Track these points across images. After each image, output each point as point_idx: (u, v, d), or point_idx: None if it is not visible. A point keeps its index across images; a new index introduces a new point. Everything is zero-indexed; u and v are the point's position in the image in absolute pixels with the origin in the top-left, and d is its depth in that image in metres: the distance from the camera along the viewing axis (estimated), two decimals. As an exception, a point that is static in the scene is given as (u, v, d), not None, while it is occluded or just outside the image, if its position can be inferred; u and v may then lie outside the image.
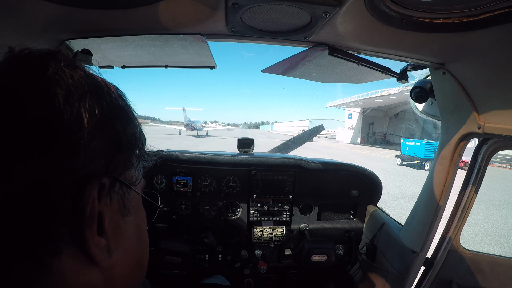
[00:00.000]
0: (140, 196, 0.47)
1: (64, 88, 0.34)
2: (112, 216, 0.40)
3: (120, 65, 1.38)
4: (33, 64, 0.36)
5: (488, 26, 0.82)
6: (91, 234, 0.36)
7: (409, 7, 0.80)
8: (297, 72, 1.52)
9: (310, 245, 1.65)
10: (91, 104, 0.36)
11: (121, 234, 0.42)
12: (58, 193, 0.33)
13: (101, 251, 0.37)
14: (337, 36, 1.00)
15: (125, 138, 0.41)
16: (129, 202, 0.43)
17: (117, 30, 1.00)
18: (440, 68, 1.18)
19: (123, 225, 0.42)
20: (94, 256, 0.36)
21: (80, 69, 0.38)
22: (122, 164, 0.41)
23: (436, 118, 1.41)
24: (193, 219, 1.83)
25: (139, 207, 0.48)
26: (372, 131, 39.20)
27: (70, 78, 0.35)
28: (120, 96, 0.43)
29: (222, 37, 1.09)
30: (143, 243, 0.49)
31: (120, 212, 0.42)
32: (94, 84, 0.38)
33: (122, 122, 0.41)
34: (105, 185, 0.37)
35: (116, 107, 0.41)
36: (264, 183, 1.84)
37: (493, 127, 1.05)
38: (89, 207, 0.35)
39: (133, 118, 0.44)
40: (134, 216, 0.45)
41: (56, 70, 0.35)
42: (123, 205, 0.42)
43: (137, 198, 0.46)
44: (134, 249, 0.45)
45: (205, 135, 44.40)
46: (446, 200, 1.34)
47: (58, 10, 0.82)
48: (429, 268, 1.59)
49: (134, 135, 0.43)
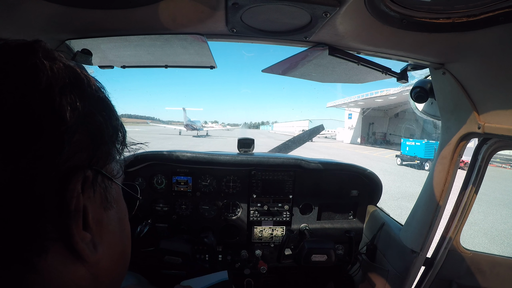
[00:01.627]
0: (120, 188, 0.47)
1: (44, 80, 0.33)
2: (95, 210, 0.39)
3: (120, 65, 1.38)
4: (11, 55, 0.34)
5: (488, 26, 0.82)
6: (77, 228, 0.35)
7: (409, 7, 0.80)
8: (297, 72, 1.52)
9: (310, 245, 1.65)
10: (73, 97, 0.35)
11: (104, 228, 0.41)
12: (42, 188, 0.32)
13: (87, 246, 0.37)
14: (337, 36, 1.00)
15: (107, 131, 0.40)
16: (111, 195, 0.43)
17: (117, 30, 1.00)
18: (440, 68, 1.18)
19: (106, 219, 0.42)
20: (80, 251, 0.36)
21: (59, 61, 0.37)
22: (104, 157, 0.41)
23: (436, 118, 1.41)
24: (193, 219, 1.83)
25: (120, 200, 0.47)
26: (372, 131, 39.20)
27: (49, 70, 0.34)
28: (99, 88, 0.42)
29: (222, 37, 1.09)
30: (126, 236, 0.49)
31: (102, 205, 0.41)
32: (74, 76, 0.38)
33: (103, 114, 0.40)
34: (88, 178, 0.37)
35: (97, 99, 0.40)
36: (264, 183, 1.84)
37: (493, 127, 1.05)
38: (74, 201, 0.35)
39: (114, 110, 0.44)
40: (116, 209, 0.45)
41: (34, 62, 0.34)
42: (105, 198, 0.42)
43: (118, 191, 0.46)
44: (117, 242, 0.45)
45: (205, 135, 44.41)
46: (446, 200, 1.34)
47: (58, 10, 0.82)
48: (429, 268, 1.59)
49: (115, 128, 0.43)
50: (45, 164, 0.32)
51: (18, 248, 0.32)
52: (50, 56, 0.36)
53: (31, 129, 0.31)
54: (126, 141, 0.48)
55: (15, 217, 0.31)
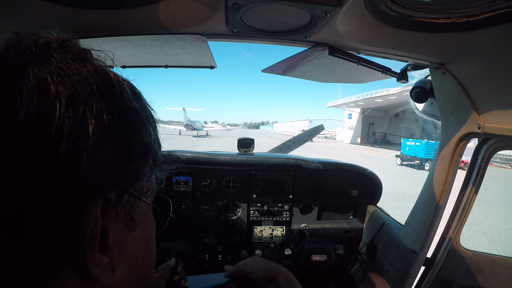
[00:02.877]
0: (150, 206, 0.43)
1: (68, 87, 0.29)
2: (117, 230, 0.36)
3: (120, 65, 1.38)
4: (35, 54, 0.30)
5: (488, 26, 0.82)
6: (92, 255, 0.32)
7: (409, 7, 0.80)
8: (297, 72, 1.52)
9: (310, 245, 1.65)
10: (99, 107, 0.31)
11: (126, 250, 0.38)
12: (57, 210, 0.29)
13: (103, 271, 0.34)
14: (337, 36, 1.00)
15: (138, 147, 0.36)
16: (138, 215, 0.39)
17: (117, 30, 1.00)
18: (440, 68, 1.18)
19: (129, 240, 0.38)
20: (95, 277, 0.33)
21: (89, 63, 0.33)
22: (132, 175, 0.36)
23: (436, 118, 1.41)
24: (193, 219, 1.83)
25: (149, 217, 0.44)
26: (372, 131, 39.20)
27: (76, 74, 0.30)
28: (135, 96, 0.38)
29: (222, 37, 1.09)
30: (150, 255, 0.45)
31: (126, 226, 0.38)
32: (104, 83, 0.33)
33: (134, 128, 0.36)
34: (110, 200, 0.33)
35: (129, 111, 0.36)
36: (264, 183, 1.84)
37: (493, 127, 1.05)
38: (90, 226, 0.31)
39: (148, 124, 0.39)
40: (142, 228, 0.41)
41: (61, 64, 0.30)
42: (131, 218, 0.38)
43: (147, 209, 0.43)
44: (140, 263, 0.42)
45: (205, 135, 44.40)
46: (446, 200, 1.34)
47: (58, 10, 0.82)
48: (429, 268, 1.59)
49: (148, 144, 0.38)
50: (59, 184, 0.29)
51: (28, 268, 0.30)
52: (81, 57, 0.33)
53: (45, 144, 0.28)
54: (161, 158, 0.44)
55: (27, 240, 0.29)
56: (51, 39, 0.32)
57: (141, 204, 0.40)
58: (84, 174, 0.30)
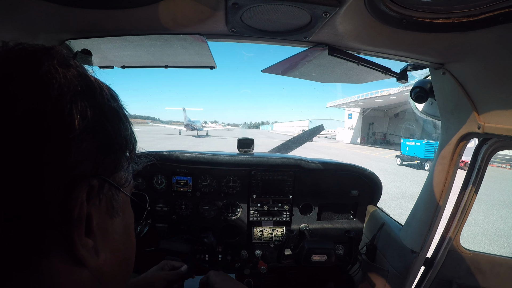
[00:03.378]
0: (128, 197, 0.48)
1: (56, 88, 0.33)
2: (100, 217, 0.40)
3: (120, 65, 1.38)
4: (26, 60, 0.35)
5: (488, 26, 0.82)
6: (79, 236, 0.36)
7: (409, 7, 0.80)
8: (297, 72, 1.52)
9: (310, 245, 1.65)
10: (83, 105, 0.35)
11: (108, 235, 0.42)
12: (47, 194, 0.33)
13: (88, 252, 0.38)
14: (337, 36, 1.00)
15: (116, 141, 0.41)
16: (118, 204, 0.43)
17: (117, 30, 1.00)
18: (440, 68, 1.18)
19: (110, 226, 0.42)
20: (81, 258, 0.36)
21: (73, 68, 0.38)
22: (112, 166, 0.41)
23: (436, 118, 1.41)
24: (193, 219, 1.83)
25: (128, 208, 0.48)
26: (372, 131, 39.21)
27: (62, 77, 0.35)
28: (112, 97, 0.43)
29: (222, 37, 1.09)
30: (130, 242, 0.49)
31: (108, 213, 0.42)
32: (86, 85, 0.38)
33: (113, 124, 0.40)
34: (94, 187, 0.37)
35: (108, 109, 0.40)
36: (264, 183, 1.84)
37: (493, 127, 1.05)
38: (77, 209, 0.35)
39: (125, 120, 0.44)
40: (122, 217, 0.45)
41: (49, 68, 0.34)
42: (112, 206, 0.42)
43: (126, 199, 0.47)
44: (121, 248, 0.46)
45: (205, 135, 44.41)
46: (446, 200, 1.34)
47: (58, 10, 0.82)
48: (429, 268, 1.59)
49: (125, 138, 0.43)
50: (51, 171, 0.33)
51: (21, 250, 0.33)
52: (65, 63, 0.37)
53: (39, 135, 0.32)
54: (136, 152, 0.48)
55: (22, 221, 0.32)
56: (37, 47, 0.37)
57: (120, 194, 0.44)
58: (71, 162, 0.34)
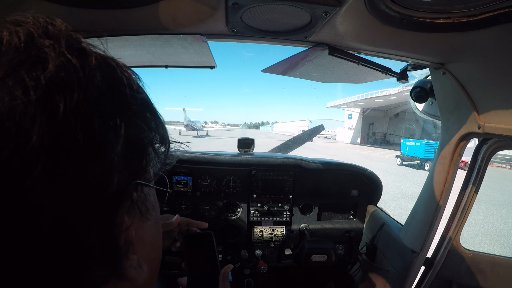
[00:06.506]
0: (154, 189, 0.40)
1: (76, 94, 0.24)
2: (137, 225, 0.33)
3: (120, 65, 1.38)
4: None
5: (488, 26, 0.82)
6: (127, 259, 0.31)
7: (409, 7, 0.80)
8: (297, 72, 1.52)
9: (310, 245, 1.65)
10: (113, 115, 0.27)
11: (146, 242, 0.37)
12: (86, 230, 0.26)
13: (136, 270, 0.33)
14: (337, 36, 1.00)
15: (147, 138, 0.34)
16: (151, 203, 0.37)
17: (117, 30, 0.99)
18: (440, 68, 1.18)
19: (146, 232, 0.37)
20: (132, 279, 0.32)
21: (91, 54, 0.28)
22: (144, 166, 0.34)
23: (436, 118, 1.41)
24: (193, 219, 1.83)
25: (156, 201, 0.41)
26: (372, 131, 39.20)
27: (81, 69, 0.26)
28: (140, 84, 0.35)
29: (222, 37, 1.09)
30: (160, 236, 0.43)
31: (143, 217, 0.35)
32: (112, 78, 0.29)
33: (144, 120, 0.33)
34: (134, 199, 0.31)
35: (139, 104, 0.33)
36: (264, 183, 1.84)
37: (493, 127, 1.05)
38: (123, 236, 0.29)
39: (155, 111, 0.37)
40: (154, 215, 0.39)
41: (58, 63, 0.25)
42: (146, 209, 0.35)
43: (153, 193, 0.40)
44: (156, 250, 0.41)
45: (205, 135, 44.41)
46: (446, 200, 1.34)
47: (58, 10, 0.82)
48: (429, 268, 1.59)
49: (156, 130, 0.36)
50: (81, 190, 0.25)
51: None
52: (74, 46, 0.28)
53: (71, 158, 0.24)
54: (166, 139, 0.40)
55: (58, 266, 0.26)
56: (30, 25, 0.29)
57: (151, 191, 0.38)
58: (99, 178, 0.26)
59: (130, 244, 0.31)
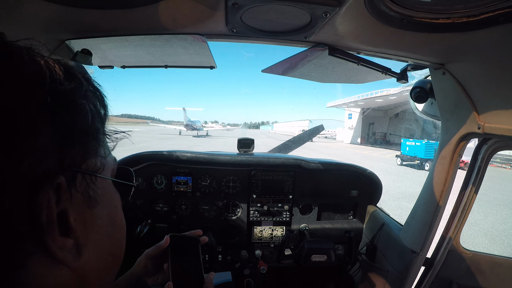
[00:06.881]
0: (108, 180, 0.44)
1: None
2: (78, 211, 0.37)
3: (120, 65, 1.38)
4: None
5: (488, 26, 0.82)
6: (53, 239, 0.33)
7: (409, 7, 0.80)
8: (297, 72, 1.52)
9: (310, 245, 1.65)
10: (31, 96, 0.31)
11: (90, 228, 0.39)
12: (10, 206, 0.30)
13: (69, 253, 0.35)
14: (337, 36, 1.00)
15: (79, 127, 0.36)
16: (96, 192, 0.40)
17: (117, 30, 1.00)
18: (440, 68, 1.18)
19: (90, 218, 0.39)
20: (61, 260, 0.34)
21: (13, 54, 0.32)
22: (81, 154, 0.37)
23: (436, 118, 1.41)
24: (193, 219, 1.83)
25: (108, 193, 0.44)
26: (372, 131, 39.21)
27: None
28: (70, 76, 0.37)
29: (222, 37, 1.09)
30: (118, 230, 0.45)
31: (86, 204, 0.38)
32: (33, 71, 0.33)
33: (72, 110, 0.35)
34: (61, 184, 0.33)
35: (64, 94, 0.35)
36: (264, 183, 1.84)
37: (493, 127, 1.05)
38: (44, 214, 0.32)
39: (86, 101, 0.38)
40: (104, 204, 0.42)
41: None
42: (89, 196, 0.38)
43: (105, 184, 0.43)
44: (106, 240, 0.42)
45: (205, 135, 44.41)
46: (446, 200, 1.34)
47: (58, 10, 0.82)
48: (429, 268, 1.59)
49: (87, 122, 0.38)
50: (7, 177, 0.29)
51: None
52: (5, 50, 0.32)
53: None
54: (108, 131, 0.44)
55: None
56: None
57: (98, 180, 0.40)
58: (26, 165, 0.30)
59: (53, 224, 0.33)
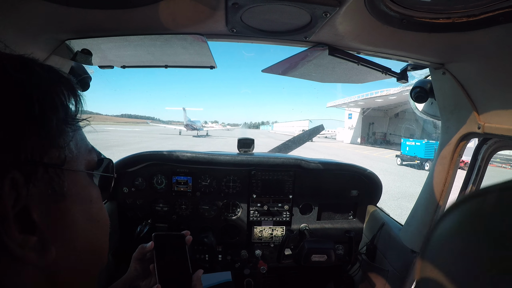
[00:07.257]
0: (80, 174, 0.41)
1: None
2: (42, 206, 0.34)
3: (120, 65, 1.38)
4: None
5: (488, 26, 0.82)
6: (10, 236, 0.31)
7: (409, 7, 0.80)
8: (297, 72, 1.52)
9: (310, 245, 1.65)
10: None
11: (59, 224, 0.37)
12: None
13: (32, 251, 0.33)
14: (337, 36, 1.00)
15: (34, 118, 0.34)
16: (62, 185, 0.37)
17: (117, 30, 1.00)
18: (440, 68, 1.18)
19: (58, 213, 0.37)
20: (23, 258, 0.32)
21: None
22: (39, 146, 0.34)
23: (436, 118, 1.41)
24: (193, 219, 1.83)
25: (81, 186, 0.41)
26: (372, 131, 39.20)
27: None
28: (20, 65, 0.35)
29: (222, 37, 1.09)
30: (96, 225, 0.43)
31: (51, 199, 0.36)
32: None
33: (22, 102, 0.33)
34: (15, 179, 0.31)
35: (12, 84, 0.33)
36: (264, 183, 1.84)
37: (493, 127, 1.05)
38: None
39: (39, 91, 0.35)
40: (75, 198, 0.39)
41: None
42: (53, 190, 0.36)
43: (77, 177, 0.40)
44: (81, 236, 0.40)
45: (205, 135, 44.41)
46: (446, 200, 1.34)
47: (58, 10, 0.82)
48: (429, 268, 1.58)
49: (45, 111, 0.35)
50: None
51: None
52: None
53: None
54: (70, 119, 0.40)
55: None
56: None
57: (65, 173, 0.38)
58: None
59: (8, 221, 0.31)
